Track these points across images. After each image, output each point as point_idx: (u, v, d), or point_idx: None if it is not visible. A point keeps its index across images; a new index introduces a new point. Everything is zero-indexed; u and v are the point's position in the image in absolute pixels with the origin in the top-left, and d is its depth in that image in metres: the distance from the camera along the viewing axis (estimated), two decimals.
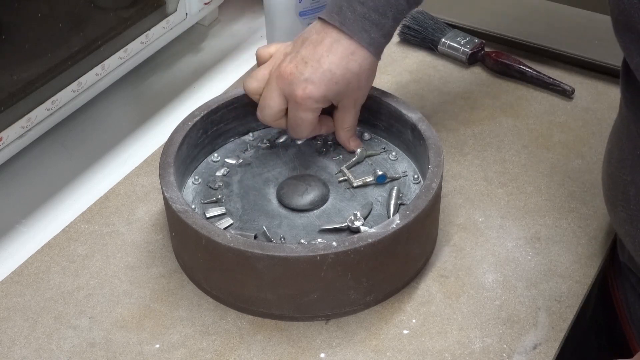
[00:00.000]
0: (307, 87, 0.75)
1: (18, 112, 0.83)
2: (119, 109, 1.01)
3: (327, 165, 0.84)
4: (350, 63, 0.76)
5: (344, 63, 0.75)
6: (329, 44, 0.76)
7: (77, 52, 0.88)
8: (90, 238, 0.82)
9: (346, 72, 0.76)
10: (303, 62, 0.75)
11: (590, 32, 1.03)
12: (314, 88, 0.75)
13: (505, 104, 0.97)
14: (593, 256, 0.80)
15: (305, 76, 0.75)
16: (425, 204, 0.72)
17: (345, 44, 0.75)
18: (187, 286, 0.77)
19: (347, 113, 0.81)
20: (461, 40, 1.03)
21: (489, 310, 0.75)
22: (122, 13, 0.94)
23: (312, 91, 0.75)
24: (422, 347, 0.72)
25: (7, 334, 0.74)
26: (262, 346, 0.72)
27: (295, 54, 0.77)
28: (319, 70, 0.75)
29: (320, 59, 0.75)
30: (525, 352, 0.71)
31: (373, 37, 0.76)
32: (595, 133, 0.93)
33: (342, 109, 0.81)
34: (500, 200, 0.85)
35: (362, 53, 0.76)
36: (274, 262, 0.69)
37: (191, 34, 1.11)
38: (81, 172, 0.92)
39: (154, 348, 0.72)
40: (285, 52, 0.78)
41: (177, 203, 0.73)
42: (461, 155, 0.90)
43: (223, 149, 0.86)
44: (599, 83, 1.00)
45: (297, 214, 0.78)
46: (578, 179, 0.87)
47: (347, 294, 0.72)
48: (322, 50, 0.75)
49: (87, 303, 0.76)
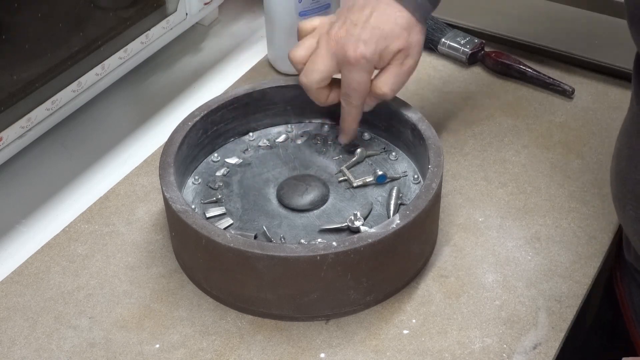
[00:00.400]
0: (359, 46, 0.75)
1: (18, 112, 0.83)
2: (119, 109, 1.01)
3: (327, 165, 0.84)
4: (398, 19, 0.76)
5: (392, 19, 0.76)
6: (376, 5, 0.76)
7: (77, 52, 0.88)
8: (90, 238, 0.82)
9: (394, 27, 0.76)
10: (353, 25, 0.76)
11: (590, 32, 1.03)
12: (365, 46, 0.75)
13: (505, 104, 0.97)
14: (593, 256, 0.80)
15: (355, 37, 0.75)
16: (425, 204, 0.72)
17: (393, 6, 0.76)
18: (187, 286, 0.77)
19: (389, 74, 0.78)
20: (461, 40, 1.03)
21: (489, 310, 0.75)
22: (122, 13, 0.94)
23: (363, 50, 0.75)
24: (422, 347, 0.72)
25: (7, 334, 0.74)
26: (262, 346, 0.72)
27: (344, 19, 0.77)
28: (367, 29, 0.75)
29: (369, 19, 0.76)
30: (525, 352, 0.71)
31: (419, 3, 0.77)
32: (595, 133, 0.93)
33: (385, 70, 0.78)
34: (500, 200, 0.85)
35: (408, 16, 0.77)
36: (274, 262, 0.69)
37: (191, 34, 1.11)
38: (81, 172, 0.92)
39: (154, 348, 0.72)
40: (331, 22, 0.79)
41: (177, 203, 0.73)
42: (461, 155, 0.90)
43: (223, 149, 0.86)
44: (599, 83, 1.00)
45: (297, 214, 0.78)
46: (578, 179, 0.87)
47: (347, 294, 0.72)
48: (370, 12, 0.76)
49: (87, 303, 0.76)
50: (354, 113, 0.80)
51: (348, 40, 0.76)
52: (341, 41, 0.76)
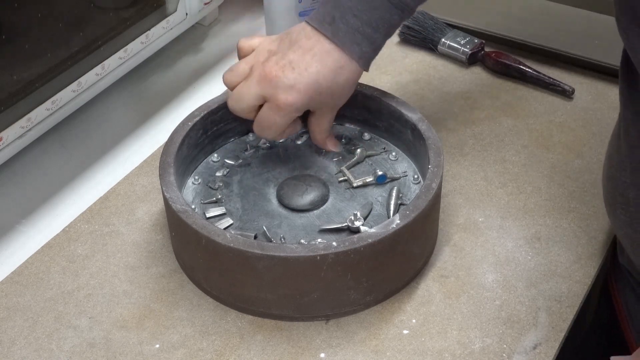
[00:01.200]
0: (291, 94, 0.73)
1: (18, 112, 0.83)
2: (119, 109, 1.01)
3: (327, 165, 0.84)
4: (338, 76, 0.74)
5: (332, 76, 0.74)
6: (319, 54, 0.73)
7: (77, 52, 0.88)
8: (90, 238, 0.82)
9: (332, 84, 0.74)
10: (290, 67, 0.73)
11: (590, 32, 1.03)
12: (298, 96, 0.73)
13: (505, 104, 0.97)
14: (593, 256, 0.80)
15: (290, 82, 0.73)
16: (425, 204, 0.72)
17: (336, 57, 0.74)
18: (187, 286, 0.77)
19: (324, 118, 0.80)
20: (461, 40, 1.03)
21: (489, 310, 0.75)
22: (122, 13, 0.94)
23: (295, 98, 0.73)
24: (422, 347, 0.72)
25: (7, 334, 0.74)
26: (262, 346, 0.72)
27: (282, 55, 0.74)
28: (305, 79, 0.73)
29: (309, 67, 0.73)
30: (525, 352, 0.71)
31: (364, 51, 0.74)
32: (595, 133, 0.93)
33: (320, 114, 0.80)
34: (500, 200, 0.85)
35: (351, 67, 0.74)
36: (274, 262, 0.69)
37: (191, 34, 1.11)
38: (81, 172, 0.92)
39: (154, 348, 0.72)
40: (270, 50, 0.76)
41: (177, 203, 0.73)
42: (461, 155, 0.90)
43: (223, 149, 0.86)
44: (599, 83, 1.00)
45: (297, 214, 0.78)
46: (578, 179, 0.87)
47: (347, 294, 0.72)
48: (311, 59, 0.73)
49: (87, 303, 0.76)
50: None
51: (282, 82, 0.73)
52: (274, 81, 0.73)
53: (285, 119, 0.75)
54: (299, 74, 0.73)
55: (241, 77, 0.77)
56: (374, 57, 0.76)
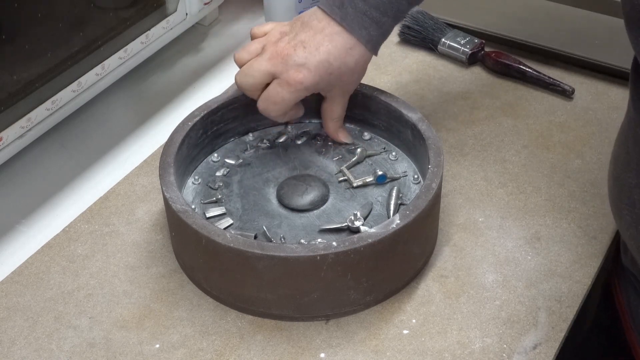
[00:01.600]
0: (302, 71, 0.75)
1: (18, 112, 0.83)
2: (119, 109, 1.01)
3: (327, 165, 0.84)
4: (348, 57, 0.76)
5: (342, 56, 0.76)
6: (330, 34, 0.76)
7: (77, 52, 0.88)
8: (90, 238, 0.82)
9: (342, 65, 0.76)
10: (302, 46, 0.75)
11: (590, 32, 1.03)
12: (309, 74, 0.75)
13: (505, 104, 0.97)
14: (593, 256, 0.80)
15: (301, 60, 0.75)
16: (425, 204, 0.72)
17: (345, 38, 0.76)
18: (187, 286, 0.77)
19: (336, 104, 0.81)
20: (461, 40, 1.03)
21: (489, 310, 0.75)
22: (122, 13, 0.94)
23: (305, 76, 0.75)
24: (422, 347, 0.72)
25: (7, 334, 0.74)
26: (262, 346, 0.72)
27: (294, 35, 0.76)
28: (316, 58, 0.75)
29: (320, 47, 0.75)
30: (525, 352, 0.71)
31: (372, 35, 0.76)
32: (595, 133, 0.93)
33: (331, 99, 0.81)
34: (500, 200, 0.85)
35: (360, 49, 0.77)
36: (274, 262, 0.69)
37: (191, 34, 1.11)
38: (81, 172, 0.92)
39: (154, 348, 0.72)
40: (282, 31, 0.78)
41: (177, 203, 0.73)
42: (461, 155, 0.90)
43: (223, 149, 0.86)
44: (599, 83, 1.00)
45: (297, 214, 0.78)
46: (578, 179, 0.87)
47: (347, 294, 0.72)
48: (322, 39, 0.75)
49: (87, 303, 0.76)
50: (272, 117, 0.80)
51: (293, 59, 0.75)
52: (285, 58, 0.75)
53: (294, 96, 0.77)
54: (309, 52, 0.75)
55: (252, 55, 0.78)
56: (382, 41, 0.78)
